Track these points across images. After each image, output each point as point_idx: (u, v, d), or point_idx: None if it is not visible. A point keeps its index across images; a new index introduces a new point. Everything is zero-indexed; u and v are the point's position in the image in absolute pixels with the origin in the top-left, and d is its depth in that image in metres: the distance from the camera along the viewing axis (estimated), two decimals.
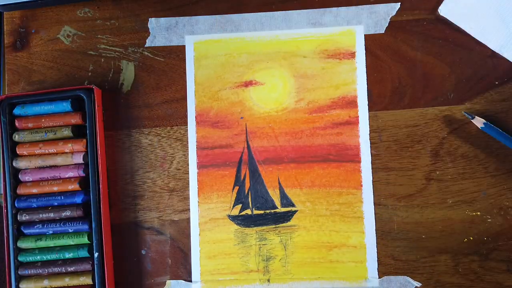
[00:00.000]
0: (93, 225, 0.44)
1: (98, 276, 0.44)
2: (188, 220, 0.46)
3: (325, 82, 0.46)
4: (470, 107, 0.45)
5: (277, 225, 0.46)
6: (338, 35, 0.46)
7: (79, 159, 0.45)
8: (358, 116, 0.46)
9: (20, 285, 0.44)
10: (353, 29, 0.46)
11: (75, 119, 0.45)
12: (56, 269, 0.44)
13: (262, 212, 0.46)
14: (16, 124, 0.45)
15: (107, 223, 0.45)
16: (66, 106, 0.45)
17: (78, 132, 0.46)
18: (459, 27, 0.45)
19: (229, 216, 0.46)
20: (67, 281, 0.44)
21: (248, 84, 0.47)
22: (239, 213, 0.46)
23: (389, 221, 0.45)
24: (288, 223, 0.46)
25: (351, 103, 0.46)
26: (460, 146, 0.45)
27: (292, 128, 0.46)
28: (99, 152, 0.45)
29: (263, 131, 0.46)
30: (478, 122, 0.44)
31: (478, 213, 0.45)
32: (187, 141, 0.47)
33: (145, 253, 0.46)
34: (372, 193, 0.45)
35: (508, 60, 0.45)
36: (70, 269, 0.44)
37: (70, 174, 0.45)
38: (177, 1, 0.47)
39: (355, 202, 0.45)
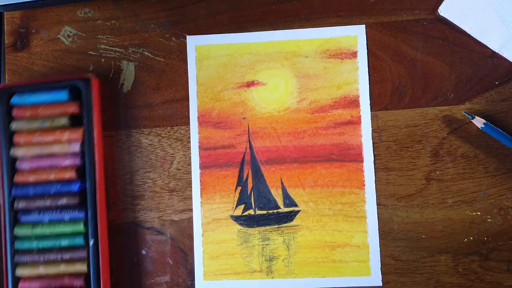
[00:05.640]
0: (89, 213, 0.44)
1: (93, 263, 0.44)
2: (188, 220, 0.46)
3: (327, 82, 0.46)
4: (470, 107, 0.45)
5: (280, 225, 0.46)
6: (340, 35, 0.46)
7: (76, 148, 0.45)
8: (360, 116, 0.46)
9: (16, 272, 0.44)
10: (355, 29, 0.46)
11: (73, 108, 0.45)
12: (52, 257, 0.44)
13: (264, 212, 0.46)
14: (14, 113, 0.45)
15: (103, 211, 0.45)
16: (63, 95, 0.45)
17: (76, 122, 0.46)
18: (459, 27, 0.45)
19: (232, 216, 0.46)
20: (63, 268, 0.44)
21: (250, 84, 0.47)
22: (241, 214, 0.46)
23: (389, 221, 0.45)
24: (291, 223, 0.46)
25: (353, 102, 0.46)
26: (460, 146, 0.45)
27: (294, 128, 0.46)
28: (95, 141, 0.45)
29: (265, 131, 0.46)
30: (478, 122, 0.44)
31: (478, 213, 0.45)
32: (187, 141, 0.47)
33: (145, 253, 0.46)
34: (375, 192, 0.45)
35: (508, 60, 0.45)
36: (65, 256, 0.44)
37: (67, 162, 0.45)
38: (177, 1, 0.48)
39: (357, 202, 0.45)
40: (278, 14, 0.47)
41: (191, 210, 0.46)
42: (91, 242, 0.44)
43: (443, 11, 0.45)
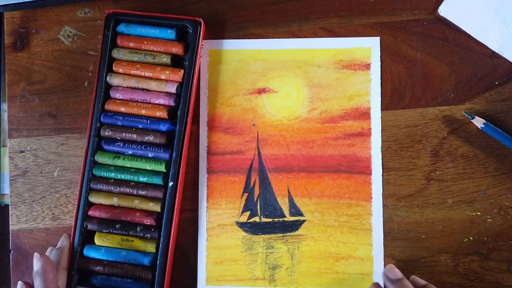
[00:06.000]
0: (174, 155, 0.44)
1: (168, 205, 0.43)
2: (188, 220, 0.46)
3: (339, 93, 0.46)
4: (470, 107, 0.45)
5: (284, 234, 0.45)
6: (354, 46, 0.46)
7: (172, 88, 0.45)
8: (371, 128, 0.46)
9: (89, 197, 0.44)
10: (369, 41, 0.46)
11: (177, 49, 0.45)
12: (128, 190, 0.44)
13: (270, 220, 0.46)
14: (118, 41, 0.45)
15: (185, 157, 0.45)
16: (170, 34, 0.45)
17: (176, 63, 0.46)
18: (459, 27, 0.45)
19: (237, 222, 0.46)
20: (136, 203, 0.44)
21: (261, 91, 0.47)
22: (247, 220, 0.46)
23: (389, 221, 0.45)
24: (296, 232, 0.45)
25: (364, 114, 0.46)
26: (460, 146, 0.45)
27: (304, 137, 0.46)
28: (193, 86, 0.45)
29: (275, 139, 0.46)
30: (478, 122, 0.44)
31: (478, 213, 0.45)
32: (193, 143, 0.47)
33: None
34: (382, 206, 0.45)
35: (508, 60, 0.45)
36: (141, 192, 0.44)
37: (161, 101, 0.45)
38: (177, 2, 0.47)
39: (364, 214, 0.45)
40: (278, 14, 0.47)
41: (190, 210, 0.46)
42: (170, 184, 0.44)
43: (443, 11, 0.45)
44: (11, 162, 0.48)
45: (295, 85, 0.46)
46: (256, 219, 0.46)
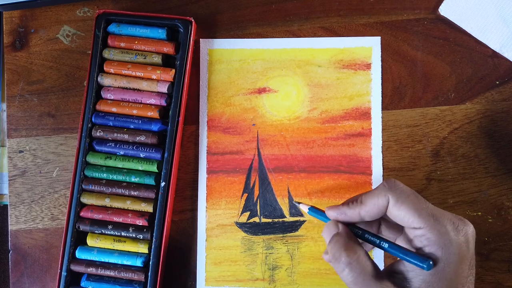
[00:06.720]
0: (166, 155, 0.44)
1: (160, 205, 0.43)
2: (187, 221, 0.46)
3: (339, 93, 0.46)
4: (470, 107, 0.45)
5: (284, 234, 0.45)
6: (354, 46, 0.46)
7: (163, 88, 0.45)
8: (371, 128, 0.45)
9: (81, 198, 0.44)
10: (370, 40, 0.46)
11: (168, 48, 0.45)
12: (120, 190, 0.44)
13: (270, 220, 0.46)
14: (109, 41, 0.45)
15: (178, 157, 0.45)
16: (161, 33, 0.45)
17: (167, 63, 0.46)
18: (459, 26, 0.45)
19: (236, 223, 0.46)
20: (128, 203, 0.44)
21: (261, 91, 0.46)
22: (247, 221, 0.46)
23: None
24: (296, 233, 0.45)
25: (365, 114, 0.46)
26: (460, 146, 0.45)
27: (304, 137, 0.46)
28: (185, 85, 0.45)
29: (275, 139, 0.46)
30: (304, 207, 0.39)
31: (479, 213, 0.44)
32: (193, 143, 0.46)
33: None
34: None
35: (509, 60, 0.45)
36: (133, 193, 0.44)
37: (152, 101, 0.45)
38: (177, 1, 0.47)
39: None
40: (278, 14, 0.47)
41: (190, 210, 0.46)
42: (162, 184, 0.43)
43: (444, 10, 0.45)
44: (10, 162, 0.47)
45: (295, 84, 0.46)
46: (256, 219, 0.46)
